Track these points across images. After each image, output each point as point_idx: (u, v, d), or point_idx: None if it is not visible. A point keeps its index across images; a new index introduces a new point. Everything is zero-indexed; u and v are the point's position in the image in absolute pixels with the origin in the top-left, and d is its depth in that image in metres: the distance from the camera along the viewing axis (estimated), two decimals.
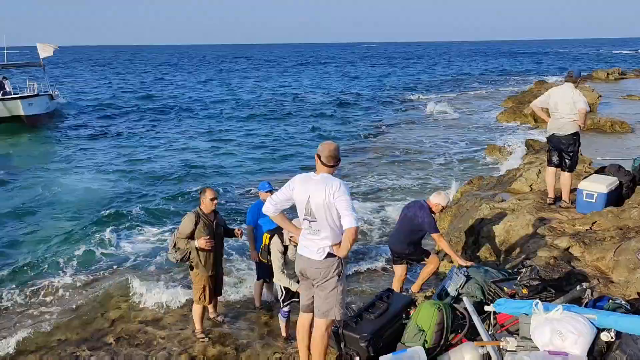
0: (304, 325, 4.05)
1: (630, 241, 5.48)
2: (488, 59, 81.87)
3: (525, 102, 22.56)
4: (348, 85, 40.53)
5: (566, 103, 6.75)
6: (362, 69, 61.18)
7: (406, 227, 5.95)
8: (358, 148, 16.95)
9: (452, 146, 16.91)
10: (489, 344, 3.44)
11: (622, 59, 69.33)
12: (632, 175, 7.26)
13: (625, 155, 12.07)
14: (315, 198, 3.67)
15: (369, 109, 26.35)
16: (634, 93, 25.98)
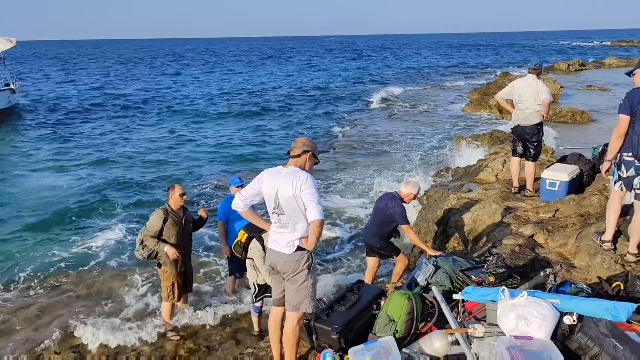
0: (276, 319, 4.05)
1: (591, 227, 5.66)
2: (453, 52, 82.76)
3: (491, 94, 22.97)
4: (315, 78, 40.30)
5: (530, 94, 6.89)
6: (329, 63, 60.91)
7: (378, 219, 5.99)
8: (327, 143, 16.94)
9: (420, 138, 17.08)
10: (458, 331, 3.50)
11: (580, 50, 71.14)
12: (592, 164, 7.49)
13: (586, 144, 12.42)
14: (283, 191, 3.66)
15: (337, 104, 26.12)
16: (593, 84, 26.78)
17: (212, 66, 59.05)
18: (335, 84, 35.72)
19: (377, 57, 71.63)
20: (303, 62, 63.83)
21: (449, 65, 53.08)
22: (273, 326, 4.08)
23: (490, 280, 4.34)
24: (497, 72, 38.47)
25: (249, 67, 54.89)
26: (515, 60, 56.25)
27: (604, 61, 43.04)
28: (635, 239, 5.00)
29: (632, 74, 4.83)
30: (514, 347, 3.07)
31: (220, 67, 56.29)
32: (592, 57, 49.93)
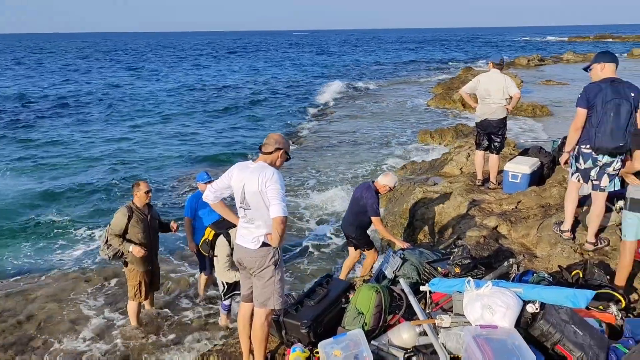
0: (245, 315, 4.03)
1: (551, 218, 5.83)
2: (417, 47, 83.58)
3: (454, 88, 23.38)
4: (281, 74, 40.06)
5: (498, 89, 6.99)
6: (294, 57, 60.60)
7: (354, 208, 6.02)
8: (294, 139, 16.87)
9: (385, 132, 17.17)
10: (425, 322, 3.56)
11: (539, 46, 72.95)
12: (552, 156, 7.72)
13: (546, 137, 12.77)
14: (249, 186, 3.64)
15: (302, 99, 25.89)
16: (552, 78, 27.54)
17: (175, 61, 57.86)
18: (300, 79, 35.48)
19: (343, 52, 71.62)
20: (268, 57, 63.20)
21: (414, 60, 53.55)
22: (242, 322, 4.07)
23: (456, 272, 4.42)
24: (460, 66, 39.14)
25: (214, 62, 53.83)
26: (477, 55, 57.22)
27: (562, 56, 44.29)
28: (593, 228, 5.18)
29: (589, 69, 4.99)
30: (479, 336, 3.14)
31: (185, 63, 55.21)
32: (550, 53, 51.22)
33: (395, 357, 3.53)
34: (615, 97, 4.61)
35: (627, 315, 4.03)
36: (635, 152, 4.20)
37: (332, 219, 9.43)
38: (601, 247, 5.20)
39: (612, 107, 4.61)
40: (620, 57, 5.14)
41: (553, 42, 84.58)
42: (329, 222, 9.26)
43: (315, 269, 7.50)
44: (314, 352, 3.75)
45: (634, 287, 4.68)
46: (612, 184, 4.96)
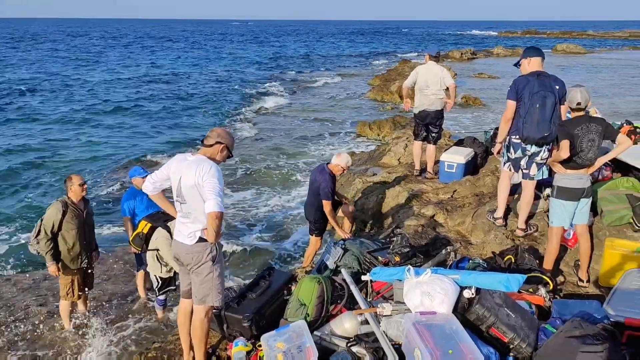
0: (185, 310, 3.93)
1: (485, 206, 6.06)
2: (355, 38, 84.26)
3: (392, 80, 23.79)
4: (219, 65, 39.10)
5: (437, 81, 7.17)
6: (231, 48, 59.15)
7: (312, 192, 6.01)
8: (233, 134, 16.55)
9: (324, 124, 17.24)
10: (367, 311, 3.61)
11: (469, 40, 75.52)
12: (485, 146, 8.02)
13: (479, 128, 13.24)
14: (186, 179, 3.52)
15: (238, 92, 25.02)
16: (484, 71, 28.61)
17: (106, 49, 55.32)
18: (237, 71, 34.42)
19: (281, 43, 70.90)
20: (205, 47, 61.44)
21: (352, 51, 53.96)
22: (182, 317, 3.97)
23: (396, 260, 4.50)
24: (397, 59, 39.86)
25: (148, 53, 51.40)
26: (414, 48, 58.48)
27: (492, 50, 46.09)
28: (523, 215, 5.43)
29: (519, 65, 5.21)
30: (419, 322, 3.21)
31: (117, 51, 52.86)
32: (482, 47, 53.14)
33: (337, 347, 3.56)
34: (541, 89, 4.84)
35: (554, 297, 4.26)
36: (561, 142, 4.42)
37: (270, 213, 9.37)
38: (531, 232, 5.46)
39: (539, 99, 4.83)
40: (545, 52, 5.39)
41: (485, 37, 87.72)
42: (267, 217, 9.18)
43: (257, 262, 7.43)
44: (256, 345, 3.72)
45: (561, 270, 4.96)
46: (540, 173, 5.21)
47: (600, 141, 4.41)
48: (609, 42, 64.56)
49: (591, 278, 4.79)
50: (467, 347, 3.02)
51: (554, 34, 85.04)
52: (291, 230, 8.52)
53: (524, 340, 3.30)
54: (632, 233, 5.06)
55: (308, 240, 7.99)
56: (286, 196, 10.20)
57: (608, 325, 3.22)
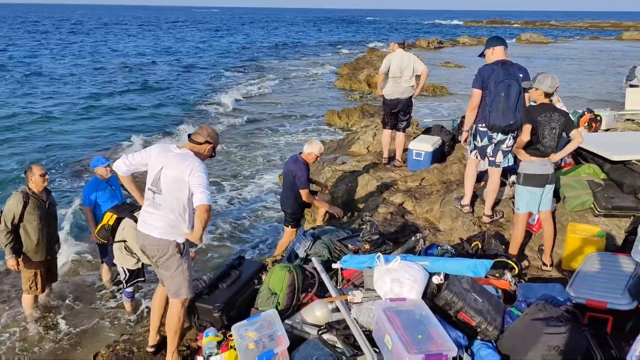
0: (162, 296, 3.91)
1: (452, 193, 6.15)
2: (322, 27, 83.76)
3: (360, 69, 23.82)
4: (184, 54, 38.11)
5: (408, 68, 7.20)
6: (191, 37, 56.94)
7: (287, 184, 5.97)
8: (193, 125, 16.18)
9: (292, 113, 17.15)
10: (337, 299, 3.63)
11: (435, 29, 76.22)
12: (452, 135, 8.13)
13: (446, 116, 13.41)
14: (169, 171, 3.45)
15: (201, 82, 24.16)
16: (450, 60, 28.95)
17: (44, 34, 53.16)
18: (204, 60, 33.24)
19: (247, 31, 69.58)
20: (162, 34, 59.60)
21: (319, 40, 53.63)
22: (157, 302, 3.95)
23: (366, 248, 4.53)
24: (365, 47, 39.90)
25: (103, 40, 49.32)
26: (381, 36, 58.62)
27: (458, 40, 46.65)
28: (489, 202, 5.54)
29: (483, 55, 5.30)
30: (389, 309, 3.25)
31: (57, 37, 50.72)
32: (448, 36, 53.69)
33: (309, 335, 3.57)
34: (505, 78, 4.93)
35: (519, 281, 4.38)
36: (524, 126, 4.53)
37: (240, 204, 9.28)
38: (497, 219, 5.58)
39: (503, 88, 4.92)
40: (509, 42, 5.49)
41: (451, 26, 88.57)
42: (229, 209, 9.07)
43: (227, 252, 7.37)
44: (227, 335, 3.70)
45: (525, 254, 5.09)
46: (506, 160, 5.32)
47: (561, 131, 4.53)
48: (571, 32, 66.11)
49: (554, 262, 4.93)
50: (436, 331, 3.07)
51: (518, 24, 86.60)
52: (256, 221, 8.46)
53: (491, 324, 3.38)
54: (593, 218, 5.23)
55: (274, 230, 7.98)
56: (249, 187, 10.07)
57: (570, 307, 3.33)
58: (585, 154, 5.92)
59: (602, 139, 6.41)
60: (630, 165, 5.53)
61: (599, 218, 5.20)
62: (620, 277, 3.96)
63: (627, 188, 5.30)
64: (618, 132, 7.63)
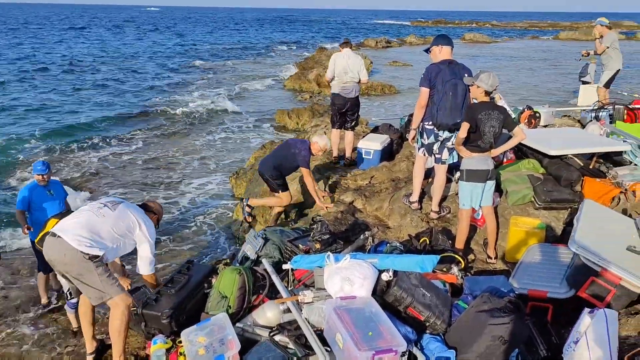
0: (86, 300, 3.84)
1: (401, 190, 6.26)
2: (268, 26, 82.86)
3: (309, 69, 23.85)
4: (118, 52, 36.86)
5: (353, 68, 7.31)
6: (129, 35, 54.80)
7: (280, 152, 6.31)
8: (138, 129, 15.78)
9: (243, 114, 16.96)
10: (288, 300, 3.62)
11: (385, 29, 77.35)
12: (400, 133, 8.26)
13: (394, 114, 13.61)
14: (129, 210, 3.92)
15: (144, 83, 23.26)
16: (398, 59, 29.43)
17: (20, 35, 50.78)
18: (136, 59, 31.65)
19: (187, 31, 67.00)
20: (107, 35, 57.32)
21: (265, 39, 52.98)
22: (83, 308, 3.91)
23: (316, 247, 4.55)
24: (314, 47, 39.96)
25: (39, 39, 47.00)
26: (329, 36, 58.85)
27: (405, 39, 47.47)
28: (436, 198, 5.67)
29: (429, 51, 5.40)
30: (340, 307, 3.28)
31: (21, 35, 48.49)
32: (396, 35, 54.57)
33: (260, 337, 3.55)
34: (452, 77, 5.07)
35: (466, 275, 4.50)
36: (462, 123, 4.67)
37: (183, 208, 9.07)
38: (444, 214, 5.72)
39: (450, 87, 5.05)
40: (455, 41, 5.63)
41: (398, 26, 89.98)
42: (180, 213, 8.88)
43: (175, 260, 7.18)
44: (176, 342, 3.63)
45: (471, 248, 5.24)
46: (451, 157, 5.46)
47: (501, 128, 4.69)
48: (512, 32, 68.54)
49: (498, 255, 5.10)
50: (386, 328, 3.12)
51: (462, 24, 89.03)
52: (202, 225, 8.27)
53: (439, 318, 3.46)
54: (533, 211, 5.44)
55: (221, 232, 7.84)
56: (188, 192, 9.82)
57: (513, 298, 3.44)
58: (525, 149, 6.13)
59: (541, 134, 6.68)
60: (567, 159, 5.78)
61: (539, 211, 5.41)
62: (559, 267, 4.14)
63: (564, 181, 5.55)
64: (556, 128, 7.97)
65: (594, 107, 8.55)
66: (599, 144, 6.18)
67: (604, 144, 6.26)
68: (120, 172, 10.78)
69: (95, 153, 12.11)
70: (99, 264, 3.58)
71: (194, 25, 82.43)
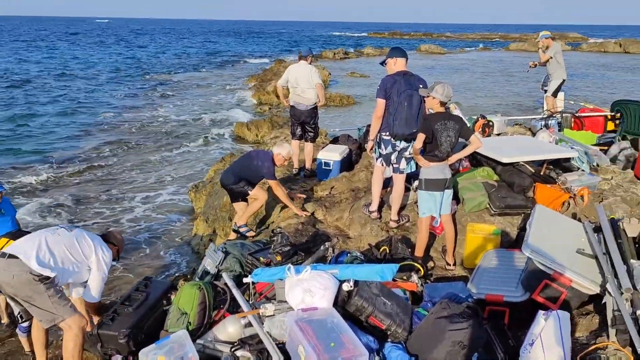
0: (38, 323, 3.72)
1: (361, 200, 6.31)
2: (226, 39, 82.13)
3: (267, 80, 23.86)
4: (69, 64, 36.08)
5: (306, 80, 7.36)
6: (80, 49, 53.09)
7: (242, 162, 6.25)
8: (98, 138, 15.50)
9: (202, 127, 16.76)
10: (249, 314, 3.59)
11: (342, 41, 78.22)
12: (359, 143, 8.36)
13: (353, 125, 13.74)
14: (92, 241, 3.89)
15: (104, 91, 23.30)
16: (355, 71, 29.82)
17: None
18: (91, 75, 29.89)
19: (144, 43, 65.94)
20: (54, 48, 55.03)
21: (223, 52, 52.46)
22: (35, 332, 3.76)
23: (277, 260, 4.53)
24: (272, 59, 39.97)
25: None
26: (288, 47, 59.05)
27: (363, 50, 48.18)
28: (395, 207, 5.75)
29: (384, 63, 5.51)
30: (301, 319, 3.27)
31: None
32: (353, 47, 55.26)
33: (221, 352, 3.50)
34: (407, 88, 5.19)
35: (425, 282, 4.57)
36: (418, 134, 4.77)
37: (146, 223, 8.89)
38: (403, 223, 5.80)
39: (406, 98, 5.17)
40: (410, 52, 5.77)
41: (356, 38, 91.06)
42: (144, 228, 8.70)
43: (133, 274, 7.00)
44: None
45: (430, 256, 5.33)
46: (409, 167, 5.56)
47: (457, 138, 4.81)
48: (464, 44, 70.58)
49: (457, 261, 5.21)
50: (348, 338, 3.13)
51: (417, 35, 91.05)
52: (159, 241, 8.10)
53: (400, 326, 3.50)
54: (489, 217, 5.58)
55: (180, 247, 7.70)
56: (148, 206, 9.66)
57: (471, 303, 3.52)
58: (480, 158, 6.30)
59: (494, 143, 6.88)
60: (519, 166, 5.97)
61: (495, 217, 5.56)
62: (514, 271, 4.26)
63: (517, 188, 5.73)
64: (508, 136, 8.23)
65: (544, 116, 8.89)
66: (548, 151, 6.42)
67: (553, 151, 6.50)
68: (74, 189, 10.46)
69: (46, 170, 11.68)
70: (49, 286, 3.46)
71: (142, 37, 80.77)
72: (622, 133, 8.01)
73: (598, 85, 24.25)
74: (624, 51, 50.18)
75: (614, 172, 6.48)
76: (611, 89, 22.79)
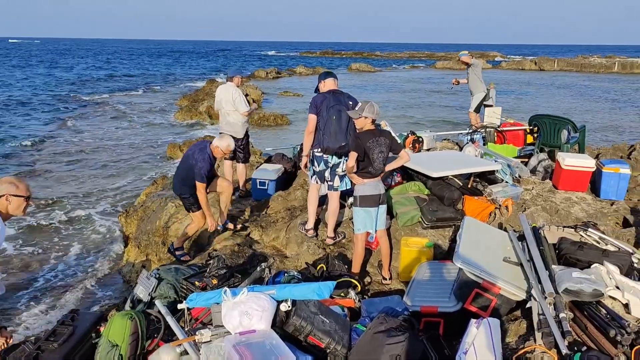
0: None
1: (297, 219, 6.32)
2: (156, 59, 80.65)
3: (200, 100, 23.56)
4: None
5: (229, 101, 7.30)
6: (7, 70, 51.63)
7: (184, 165, 5.88)
8: (22, 158, 14.71)
9: (132, 149, 16.23)
10: (185, 341, 3.48)
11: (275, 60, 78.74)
12: (294, 162, 8.39)
13: (287, 144, 13.79)
14: None
15: (26, 114, 22.23)
16: (288, 90, 30.06)
17: None
18: (18, 94, 29.25)
19: (76, 63, 63.90)
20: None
21: (153, 72, 51.32)
22: None
23: (213, 283, 4.43)
24: (204, 79, 39.48)
25: None
26: (220, 67, 58.58)
27: (295, 69, 48.68)
28: (331, 224, 5.80)
29: (318, 90, 5.65)
30: (239, 343, 3.20)
31: None
32: (285, 66, 55.71)
33: None
34: (336, 104, 5.35)
35: (363, 297, 4.62)
36: (350, 153, 4.87)
37: (73, 251, 8.46)
38: (339, 240, 5.85)
39: (334, 113, 5.32)
40: (341, 71, 5.91)
41: (287, 57, 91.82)
42: (70, 256, 8.27)
43: (58, 308, 6.60)
44: None
45: (367, 271, 5.40)
46: (343, 184, 5.64)
47: (388, 153, 4.94)
48: (393, 62, 72.94)
49: (393, 275, 5.30)
50: (287, 359, 3.09)
51: (348, 54, 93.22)
52: (87, 268, 7.75)
53: (339, 343, 3.51)
54: (422, 230, 5.74)
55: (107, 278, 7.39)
56: (76, 232, 9.23)
57: (407, 316, 3.59)
58: (411, 172, 6.49)
59: (424, 158, 7.11)
60: (448, 180, 6.20)
61: (427, 230, 5.72)
62: (447, 282, 4.39)
63: (447, 201, 5.93)
64: (437, 151, 8.54)
65: (469, 131, 9.30)
66: (474, 165, 6.71)
67: (479, 164, 6.81)
68: None
69: None
70: None
71: (71, 57, 77.75)
72: (540, 145, 8.51)
73: (522, 101, 25.84)
74: (539, 68, 53.73)
75: (534, 183, 6.88)
76: (531, 104, 24.29)
